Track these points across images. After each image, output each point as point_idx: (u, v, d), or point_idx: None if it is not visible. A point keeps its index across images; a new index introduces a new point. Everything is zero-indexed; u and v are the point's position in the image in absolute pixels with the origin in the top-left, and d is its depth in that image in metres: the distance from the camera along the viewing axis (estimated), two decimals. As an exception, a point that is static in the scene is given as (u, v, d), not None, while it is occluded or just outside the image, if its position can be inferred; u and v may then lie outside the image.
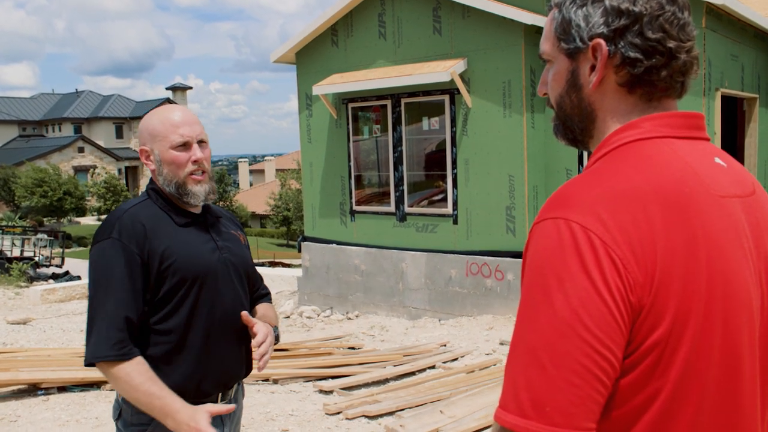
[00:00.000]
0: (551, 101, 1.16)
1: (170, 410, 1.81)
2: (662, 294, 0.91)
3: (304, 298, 10.98)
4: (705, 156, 1.05)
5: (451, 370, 6.31)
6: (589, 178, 1.00)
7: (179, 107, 2.08)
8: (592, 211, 0.93)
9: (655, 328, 0.91)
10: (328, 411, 5.02)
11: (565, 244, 0.92)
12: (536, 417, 0.89)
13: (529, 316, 0.93)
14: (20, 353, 6.77)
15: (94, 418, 5.00)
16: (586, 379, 0.88)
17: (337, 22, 10.04)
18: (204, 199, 2.03)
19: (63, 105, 48.93)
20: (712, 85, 7.91)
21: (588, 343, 0.89)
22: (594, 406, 0.90)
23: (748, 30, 8.96)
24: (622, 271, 0.90)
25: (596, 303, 0.89)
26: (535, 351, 0.90)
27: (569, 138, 1.16)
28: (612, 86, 1.06)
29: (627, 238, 0.92)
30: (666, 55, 1.03)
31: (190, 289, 1.95)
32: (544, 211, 0.98)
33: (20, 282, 15.89)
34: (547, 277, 0.92)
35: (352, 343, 7.99)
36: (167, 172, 1.99)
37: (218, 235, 2.10)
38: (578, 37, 1.06)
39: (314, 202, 10.81)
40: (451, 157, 9.11)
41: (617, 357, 0.91)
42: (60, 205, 34.86)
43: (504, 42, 8.46)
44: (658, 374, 0.92)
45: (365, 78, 9.41)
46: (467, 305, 8.99)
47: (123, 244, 1.89)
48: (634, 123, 1.05)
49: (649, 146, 1.03)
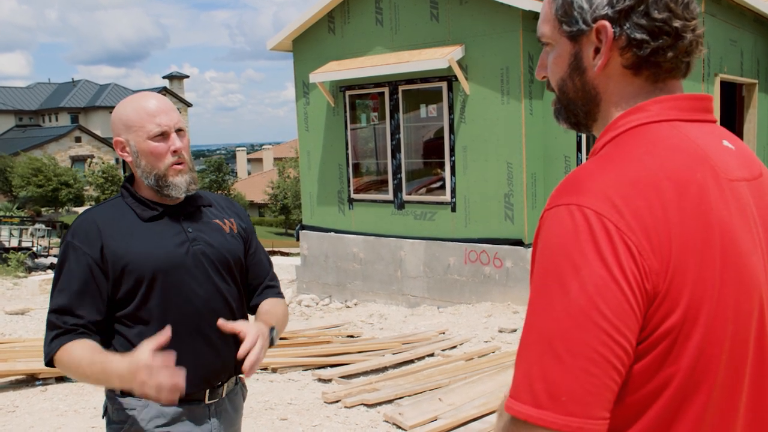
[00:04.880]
0: (552, 85, 1.13)
1: (112, 369, 1.70)
2: (677, 281, 0.90)
3: (302, 286, 10.98)
4: (714, 139, 1.03)
5: (450, 357, 6.31)
6: (601, 163, 0.98)
7: (153, 94, 1.97)
8: (606, 197, 0.91)
9: (669, 315, 0.90)
10: (327, 399, 5.02)
11: (579, 231, 0.90)
12: (551, 407, 0.87)
13: (543, 304, 0.91)
14: (18, 343, 6.76)
15: (92, 408, 5.00)
16: (602, 367, 0.87)
17: (333, 8, 9.97)
18: (186, 191, 1.95)
19: (59, 94, 48.72)
20: (711, 70, 7.87)
21: (605, 331, 0.87)
22: (609, 395, 0.89)
23: (747, 15, 8.91)
24: (638, 258, 0.89)
25: (613, 291, 0.88)
26: (550, 340, 0.89)
27: (572, 122, 1.13)
28: (617, 69, 1.04)
29: (642, 224, 0.90)
30: (672, 35, 1.00)
31: (150, 286, 1.87)
32: (556, 197, 0.96)
33: (18, 272, 15.88)
34: (561, 264, 0.90)
35: (350, 331, 7.99)
36: (145, 164, 1.91)
37: (193, 225, 1.99)
38: (581, 19, 1.03)
39: (312, 190, 10.78)
40: (449, 145, 9.07)
41: (631, 344, 0.90)
42: (56, 195, 34.81)
43: (502, 28, 8.40)
44: (670, 361, 0.91)
45: (362, 65, 9.36)
46: (466, 293, 8.99)
47: (75, 246, 1.87)
48: (642, 106, 1.03)
49: (659, 130, 1.00)
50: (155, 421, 1.89)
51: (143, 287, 1.87)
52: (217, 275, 1.98)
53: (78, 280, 1.85)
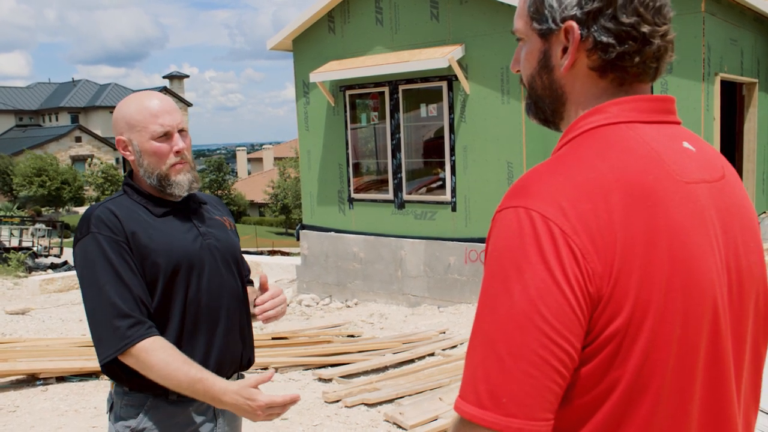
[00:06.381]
0: (523, 80, 1.13)
1: (214, 392, 1.77)
2: (621, 284, 0.90)
3: (303, 286, 10.98)
4: (672, 140, 1.03)
5: (451, 357, 6.31)
6: (552, 165, 0.98)
7: (156, 94, 1.97)
8: (554, 200, 0.92)
9: (614, 319, 0.90)
10: (328, 399, 5.02)
11: (524, 234, 0.91)
12: (493, 408, 0.89)
13: (488, 306, 0.92)
14: (19, 343, 6.76)
15: (93, 408, 5.00)
16: (543, 370, 0.88)
17: (333, 8, 9.97)
18: (188, 189, 1.96)
19: (59, 94, 48.73)
20: (711, 69, 7.86)
21: (545, 334, 0.88)
22: (551, 397, 0.89)
23: (748, 14, 8.91)
24: (581, 260, 0.89)
25: (554, 294, 0.88)
26: (493, 342, 0.90)
27: (540, 118, 1.14)
28: (583, 70, 1.04)
29: (587, 227, 0.90)
30: (639, 40, 1.00)
31: (171, 279, 1.88)
32: (506, 200, 0.96)
33: (19, 272, 15.88)
34: (506, 266, 0.91)
35: (351, 331, 7.99)
36: (148, 163, 1.92)
37: (201, 221, 2.03)
38: (551, 18, 1.03)
39: (312, 190, 10.78)
40: (450, 144, 9.07)
41: (575, 348, 0.90)
42: (58, 194, 34.81)
43: (502, 27, 8.40)
44: (617, 364, 0.92)
45: (363, 65, 9.35)
46: (466, 292, 8.99)
47: (102, 235, 1.82)
48: (601, 107, 1.03)
49: (615, 132, 1.00)
50: (162, 418, 1.91)
51: (163, 281, 1.88)
52: (227, 269, 2.03)
53: (124, 267, 1.81)
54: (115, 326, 1.77)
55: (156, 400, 1.90)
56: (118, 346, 1.77)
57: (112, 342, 1.77)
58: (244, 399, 1.76)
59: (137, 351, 1.77)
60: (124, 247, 1.83)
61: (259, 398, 1.76)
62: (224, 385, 1.79)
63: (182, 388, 1.79)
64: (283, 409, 1.80)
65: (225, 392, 1.77)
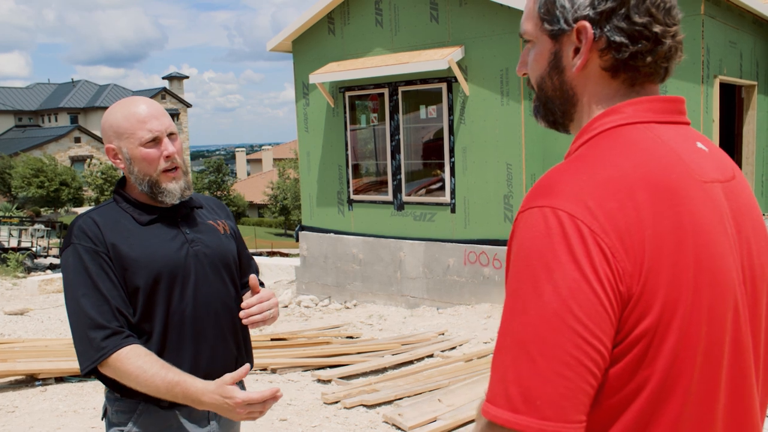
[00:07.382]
0: (531, 82, 1.13)
1: (193, 394, 1.75)
2: (651, 283, 0.90)
3: (302, 287, 10.98)
4: (687, 140, 1.04)
5: (450, 358, 6.32)
6: (574, 164, 0.98)
7: (142, 99, 1.95)
8: (579, 199, 0.91)
9: (644, 318, 0.90)
10: (327, 400, 5.02)
11: (552, 233, 0.90)
12: (527, 411, 0.87)
13: (517, 307, 0.91)
14: (18, 344, 6.76)
15: (92, 408, 5.00)
16: (577, 371, 0.87)
17: (333, 9, 9.98)
18: (180, 197, 1.94)
19: (59, 95, 48.73)
20: (710, 72, 7.87)
21: (579, 334, 0.87)
22: (585, 399, 0.88)
23: (747, 16, 8.92)
24: (611, 260, 0.89)
25: (586, 293, 0.87)
26: (524, 343, 0.88)
27: (549, 120, 1.14)
28: (595, 70, 1.04)
29: (615, 226, 0.90)
30: (652, 40, 1.00)
31: (152, 289, 1.86)
32: (530, 200, 0.96)
33: (17, 273, 15.87)
34: (535, 267, 0.90)
35: (350, 332, 7.99)
36: (138, 170, 1.90)
37: (190, 227, 1.99)
38: (563, 19, 1.03)
39: (312, 191, 10.78)
40: (449, 146, 9.08)
41: (607, 347, 0.89)
42: (57, 195, 34.80)
43: (501, 29, 8.41)
44: (646, 363, 0.91)
45: (362, 66, 9.36)
46: (465, 294, 8.99)
47: (82, 246, 1.82)
48: (617, 108, 1.03)
49: (633, 131, 1.01)
50: (154, 424, 1.90)
51: (146, 290, 1.86)
52: (216, 276, 1.99)
53: (102, 278, 1.81)
54: (90, 338, 1.78)
55: (147, 405, 1.88)
56: (94, 358, 1.78)
57: (89, 354, 1.79)
58: (222, 398, 1.74)
59: (113, 361, 1.77)
60: (104, 258, 1.82)
61: (236, 395, 1.72)
62: (202, 385, 1.76)
63: (161, 393, 1.78)
64: (263, 406, 1.76)
65: (204, 393, 1.75)
